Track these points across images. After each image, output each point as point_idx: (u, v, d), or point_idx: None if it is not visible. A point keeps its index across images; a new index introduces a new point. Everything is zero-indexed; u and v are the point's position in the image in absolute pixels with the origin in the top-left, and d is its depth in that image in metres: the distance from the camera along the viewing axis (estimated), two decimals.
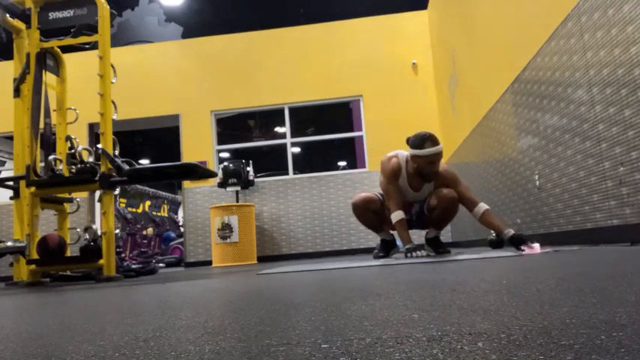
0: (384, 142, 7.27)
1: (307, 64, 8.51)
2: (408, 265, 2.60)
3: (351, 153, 14.40)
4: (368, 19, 8.66)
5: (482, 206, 3.58)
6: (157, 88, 8.68)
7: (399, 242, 3.91)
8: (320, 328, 0.81)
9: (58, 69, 5.09)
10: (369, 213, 3.96)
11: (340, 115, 14.92)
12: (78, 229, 4.97)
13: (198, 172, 4.40)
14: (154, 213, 11.29)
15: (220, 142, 8.77)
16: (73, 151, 4.60)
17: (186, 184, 8.29)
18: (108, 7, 4.59)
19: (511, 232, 3.27)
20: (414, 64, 8.30)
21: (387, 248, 4.04)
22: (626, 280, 1.14)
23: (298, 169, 9.45)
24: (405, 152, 3.78)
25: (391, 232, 4.04)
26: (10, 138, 7.25)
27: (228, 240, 7.19)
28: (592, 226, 3.20)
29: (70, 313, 1.49)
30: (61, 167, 4.46)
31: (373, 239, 7.67)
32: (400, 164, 3.75)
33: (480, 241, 5.62)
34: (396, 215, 3.63)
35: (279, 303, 1.26)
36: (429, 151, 3.58)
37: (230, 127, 16.35)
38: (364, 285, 1.61)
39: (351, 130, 11.93)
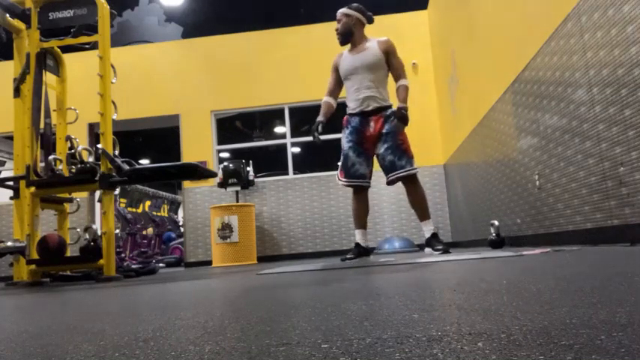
0: None
1: (307, 64, 8.50)
2: (407, 265, 2.60)
3: None
4: None
5: (403, 81, 4.15)
6: (156, 88, 8.68)
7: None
8: (320, 328, 0.81)
9: (58, 69, 5.09)
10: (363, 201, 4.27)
11: (340, 115, 14.90)
12: (78, 229, 4.97)
13: (199, 172, 4.41)
14: (154, 213, 11.30)
15: (220, 142, 8.77)
16: (73, 151, 4.61)
17: (186, 184, 8.29)
18: (108, 7, 4.59)
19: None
20: (414, 64, 8.29)
21: (358, 254, 4.24)
22: (626, 280, 1.14)
23: (298, 169, 9.44)
24: None
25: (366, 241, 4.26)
26: (10, 138, 7.26)
27: (228, 240, 7.19)
28: (592, 226, 3.20)
29: (70, 313, 1.49)
30: (61, 167, 4.46)
31: (373, 239, 7.68)
32: (342, 52, 4.46)
33: (480, 241, 5.62)
34: (324, 99, 4.46)
35: (279, 303, 1.26)
36: None
37: (229, 126, 16.33)
38: (364, 285, 1.61)
39: None
